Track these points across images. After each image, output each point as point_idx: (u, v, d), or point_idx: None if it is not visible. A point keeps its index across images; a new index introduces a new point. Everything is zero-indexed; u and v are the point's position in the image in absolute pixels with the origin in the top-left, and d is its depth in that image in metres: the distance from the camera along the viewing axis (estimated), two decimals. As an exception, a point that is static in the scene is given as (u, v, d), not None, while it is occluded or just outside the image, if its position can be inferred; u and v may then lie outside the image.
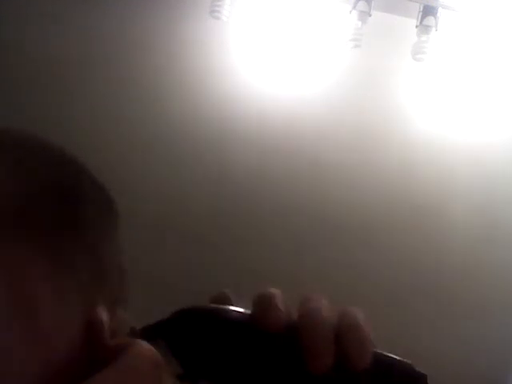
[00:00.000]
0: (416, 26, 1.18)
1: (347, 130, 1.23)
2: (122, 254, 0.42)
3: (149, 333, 0.36)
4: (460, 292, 1.23)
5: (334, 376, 0.35)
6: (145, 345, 0.33)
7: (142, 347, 0.33)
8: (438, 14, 1.16)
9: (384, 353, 0.37)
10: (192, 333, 0.36)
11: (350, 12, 1.17)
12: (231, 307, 0.37)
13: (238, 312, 0.36)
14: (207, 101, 1.20)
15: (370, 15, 1.16)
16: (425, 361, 0.43)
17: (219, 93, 1.21)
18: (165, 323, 0.36)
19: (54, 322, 0.34)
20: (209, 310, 0.37)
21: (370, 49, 1.19)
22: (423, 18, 1.16)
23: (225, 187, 1.20)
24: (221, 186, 1.20)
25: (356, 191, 1.22)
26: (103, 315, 0.36)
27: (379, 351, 0.37)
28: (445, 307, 1.22)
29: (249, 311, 0.36)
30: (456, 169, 1.24)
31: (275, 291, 0.35)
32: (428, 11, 1.16)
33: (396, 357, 0.38)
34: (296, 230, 1.21)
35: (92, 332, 0.35)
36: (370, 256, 1.21)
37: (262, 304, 0.35)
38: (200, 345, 0.35)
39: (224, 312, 0.36)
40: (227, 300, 0.37)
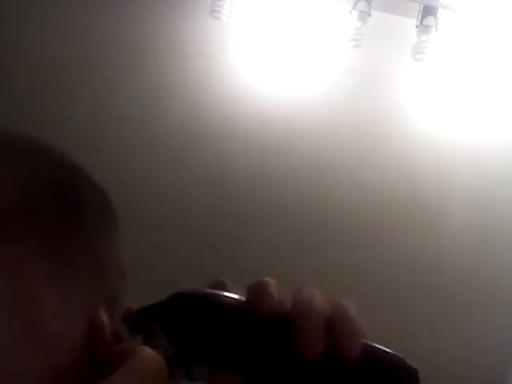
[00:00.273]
0: (416, 26, 1.18)
1: (347, 130, 1.23)
2: (122, 254, 0.42)
3: (144, 314, 0.37)
4: (460, 292, 1.23)
5: (324, 365, 0.35)
6: (149, 350, 0.34)
7: (147, 352, 0.34)
8: (438, 14, 1.16)
9: (375, 345, 0.37)
10: (185, 316, 0.36)
11: (350, 12, 1.17)
12: (226, 293, 0.37)
13: (233, 298, 0.37)
14: (207, 101, 1.20)
15: (370, 15, 1.16)
16: (425, 361, 0.43)
17: (219, 93, 1.21)
18: (160, 305, 0.37)
19: (54, 322, 0.34)
20: (203, 295, 0.37)
21: (370, 49, 1.19)
22: (423, 18, 1.17)
23: (225, 187, 1.20)
24: (221, 186, 1.20)
25: (356, 191, 1.22)
26: (105, 317, 0.36)
27: (370, 343, 0.37)
28: (445, 307, 1.22)
29: (243, 298, 0.37)
30: (456, 169, 1.24)
31: (270, 280, 0.36)
32: (428, 11, 1.16)
33: (387, 350, 0.38)
34: (296, 230, 1.21)
35: (95, 334, 0.35)
36: (370, 256, 1.21)
37: (257, 291, 0.35)
38: (193, 328, 0.36)
39: (218, 297, 0.37)
40: (224, 287, 0.38)
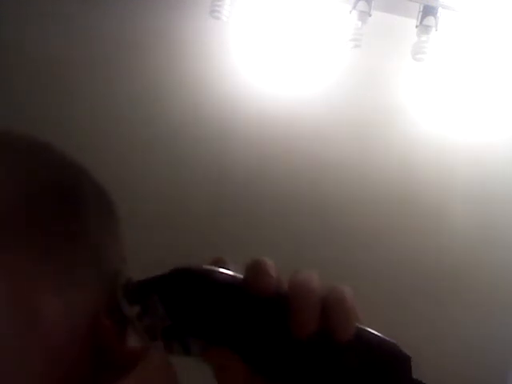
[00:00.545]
0: (416, 26, 1.17)
1: (347, 130, 1.23)
2: (123, 254, 0.42)
3: (143, 285, 0.37)
4: (460, 292, 1.22)
5: (317, 345, 0.36)
6: (159, 354, 0.34)
7: (158, 355, 0.34)
8: (438, 14, 1.16)
9: (369, 330, 0.38)
10: (184, 290, 0.37)
11: (350, 12, 1.17)
12: (225, 270, 0.38)
13: (231, 275, 0.38)
14: (207, 101, 1.20)
15: (370, 15, 1.16)
16: (425, 360, 0.43)
17: (219, 93, 1.21)
18: (159, 279, 0.38)
19: (55, 322, 0.34)
20: (203, 270, 0.38)
21: (370, 49, 1.19)
22: (423, 18, 1.16)
23: (225, 187, 1.20)
24: (221, 186, 1.20)
25: (356, 191, 1.22)
26: (108, 318, 0.36)
27: (364, 328, 0.38)
28: (445, 307, 1.22)
29: (242, 276, 0.37)
30: (456, 169, 1.24)
31: (268, 260, 0.37)
32: (428, 11, 1.16)
33: (381, 335, 0.38)
34: (296, 230, 1.21)
35: (99, 336, 0.35)
36: (370, 256, 1.21)
37: (255, 269, 0.36)
38: (191, 302, 0.37)
39: (217, 273, 0.37)
40: (224, 264, 0.38)
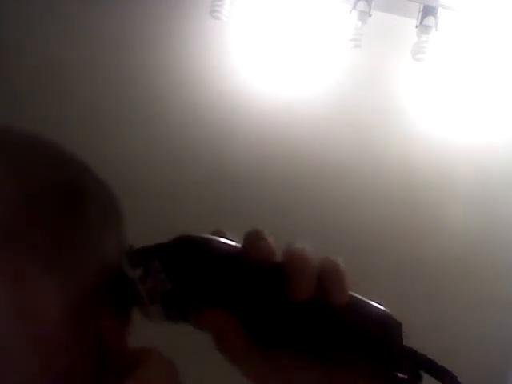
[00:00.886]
0: (416, 26, 1.17)
1: (347, 130, 1.23)
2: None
3: (146, 253, 0.38)
4: (460, 292, 1.22)
5: (313, 309, 0.38)
6: (161, 357, 0.35)
7: (161, 358, 0.34)
8: (438, 14, 1.16)
9: (363, 298, 0.40)
10: (185, 256, 0.38)
11: (350, 12, 1.17)
12: (225, 240, 0.40)
13: (230, 243, 0.39)
14: (207, 101, 1.20)
15: (370, 15, 1.16)
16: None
17: (219, 93, 1.21)
18: (162, 246, 0.39)
19: (56, 322, 0.34)
20: (203, 238, 0.40)
21: (370, 49, 1.19)
22: (423, 18, 1.16)
23: (225, 187, 1.20)
24: (221, 186, 1.20)
25: (356, 191, 1.22)
26: (113, 320, 0.36)
27: (358, 296, 0.40)
28: (445, 307, 1.22)
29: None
30: (456, 169, 1.24)
31: (265, 231, 0.39)
32: (428, 11, 1.16)
33: (374, 303, 0.40)
34: (296, 230, 1.21)
35: (102, 338, 0.35)
36: (370, 256, 1.21)
37: (252, 236, 0.38)
38: (192, 267, 0.38)
39: (217, 241, 0.39)
40: (223, 235, 0.40)
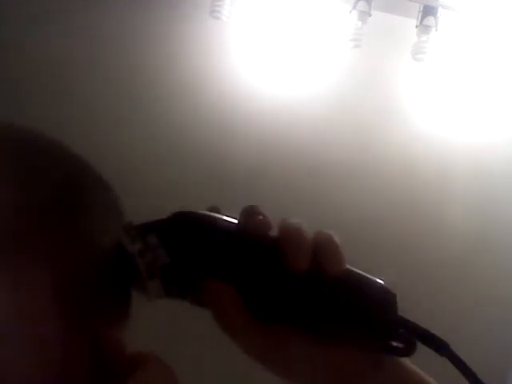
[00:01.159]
0: (416, 26, 1.17)
1: (347, 130, 1.23)
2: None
3: (144, 228, 0.39)
4: (460, 292, 1.22)
5: (308, 280, 0.39)
6: (160, 361, 0.35)
7: (159, 361, 0.34)
8: (438, 14, 1.16)
9: (358, 270, 0.41)
10: (183, 231, 0.39)
11: (350, 12, 1.17)
12: (223, 216, 0.40)
13: (227, 219, 0.40)
14: (207, 101, 1.20)
15: (370, 15, 1.16)
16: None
17: (219, 93, 1.21)
18: (160, 221, 0.40)
19: (55, 323, 0.34)
20: (201, 214, 0.40)
21: (370, 49, 1.19)
22: (423, 18, 1.16)
23: (225, 187, 1.20)
24: (221, 186, 1.20)
25: (356, 191, 1.22)
26: (112, 322, 0.36)
27: (353, 268, 0.41)
28: (445, 307, 1.22)
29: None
30: (456, 169, 1.24)
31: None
32: (428, 11, 1.16)
33: (368, 275, 0.42)
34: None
35: (102, 343, 0.35)
36: (370, 256, 1.21)
37: (248, 211, 0.39)
38: (190, 242, 0.39)
39: (214, 217, 0.40)
40: (218, 211, 0.41)
